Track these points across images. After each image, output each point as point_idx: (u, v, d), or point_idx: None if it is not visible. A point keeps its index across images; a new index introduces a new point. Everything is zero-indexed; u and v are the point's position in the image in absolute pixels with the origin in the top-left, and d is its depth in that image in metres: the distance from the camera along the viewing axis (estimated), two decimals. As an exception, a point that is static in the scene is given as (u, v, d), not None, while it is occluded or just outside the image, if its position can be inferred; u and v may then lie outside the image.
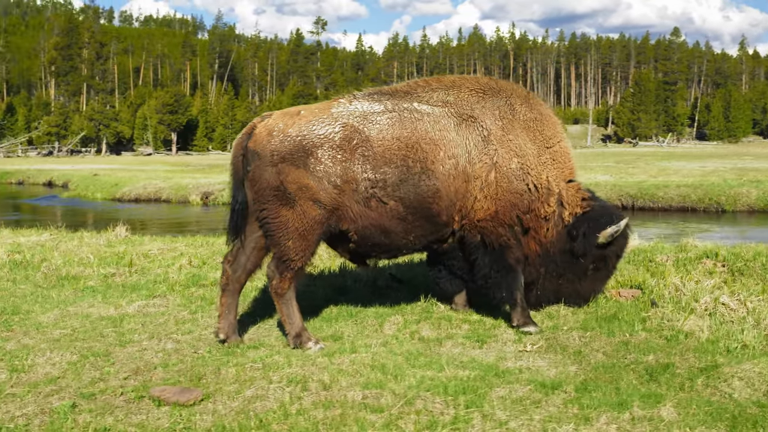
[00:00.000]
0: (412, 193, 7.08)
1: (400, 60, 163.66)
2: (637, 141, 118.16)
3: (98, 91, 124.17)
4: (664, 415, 5.19)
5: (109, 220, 23.21)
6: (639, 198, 27.67)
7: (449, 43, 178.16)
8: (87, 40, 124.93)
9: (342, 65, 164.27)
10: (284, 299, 7.10)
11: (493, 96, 7.63)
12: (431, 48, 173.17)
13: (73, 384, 6.08)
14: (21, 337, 7.50)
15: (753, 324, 7.46)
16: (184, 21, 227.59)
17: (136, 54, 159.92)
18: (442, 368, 6.22)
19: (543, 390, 5.68)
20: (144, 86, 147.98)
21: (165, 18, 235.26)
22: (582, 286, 8.02)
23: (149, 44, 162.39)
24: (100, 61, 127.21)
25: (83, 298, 9.12)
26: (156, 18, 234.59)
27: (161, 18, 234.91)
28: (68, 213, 31.36)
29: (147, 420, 5.34)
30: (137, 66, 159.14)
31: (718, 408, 5.35)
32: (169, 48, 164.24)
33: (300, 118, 7.08)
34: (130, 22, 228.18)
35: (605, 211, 7.86)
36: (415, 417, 5.20)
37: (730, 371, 6.03)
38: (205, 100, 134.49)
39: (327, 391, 5.72)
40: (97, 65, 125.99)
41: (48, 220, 25.93)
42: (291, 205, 6.89)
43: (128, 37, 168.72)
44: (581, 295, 8.09)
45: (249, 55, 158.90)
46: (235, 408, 5.50)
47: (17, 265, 11.13)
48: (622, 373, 6.16)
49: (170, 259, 11.49)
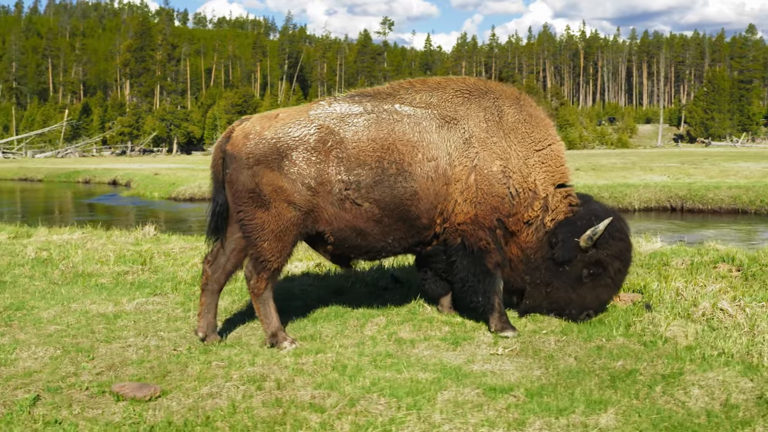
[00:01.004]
0: (388, 195, 7.09)
1: (468, 59, 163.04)
2: (710, 141, 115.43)
3: (170, 92, 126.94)
4: (603, 422, 5.12)
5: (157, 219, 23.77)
6: (688, 200, 27.01)
7: (518, 42, 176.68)
8: (159, 42, 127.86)
9: (410, 65, 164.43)
10: (261, 299, 7.21)
11: (480, 97, 7.57)
12: (500, 47, 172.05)
13: (45, 378, 6.27)
14: (17, 332, 7.76)
15: (746, 330, 7.27)
16: (256, 22, 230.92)
17: (208, 55, 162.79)
18: (402, 370, 6.24)
19: (492, 394, 5.65)
20: (215, 87, 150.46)
21: (237, 20, 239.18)
22: (579, 295, 7.67)
23: (221, 46, 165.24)
24: (171, 62, 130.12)
25: (89, 295, 9.38)
26: (229, 20, 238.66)
27: (234, 20, 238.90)
28: (122, 212, 32.21)
29: (101, 414, 5.49)
30: (209, 67, 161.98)
31: (664, 416, 5.26)
32: (240, 49, 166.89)
33: (277, 120, 7.17)
34: (203, 24, 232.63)
35: (586, 215, 7.59)
36: (353, 417, 5.24)
37: (692, 379, 5.92)
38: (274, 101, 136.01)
39: (279, 391, 5.80)
40: (169, 67, 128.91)
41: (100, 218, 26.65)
42: (266, 207, 6.98)
43: (201, 39, 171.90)
44: (582, 304, 7.70)
45: (318, 55, 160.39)
46: (187, 405, 5.62)
47: (40, 263, 11.49)
48: (585, 379, 6.09)
49: (186, 257, 11.72)
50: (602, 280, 7.66)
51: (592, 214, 7.60)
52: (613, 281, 7.71)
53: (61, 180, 55.82)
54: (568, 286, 7.66)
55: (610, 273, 7.63)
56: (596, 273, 7.60)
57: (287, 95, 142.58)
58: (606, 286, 7.71)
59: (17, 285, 10.05)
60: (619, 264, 7.66)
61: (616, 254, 7.60)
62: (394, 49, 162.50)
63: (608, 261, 7.58)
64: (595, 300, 7.73)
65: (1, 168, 67.61)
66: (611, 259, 7.59)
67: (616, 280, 7.75)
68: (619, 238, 7.61)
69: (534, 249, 7.62)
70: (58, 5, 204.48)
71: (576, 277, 7.62)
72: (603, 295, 7.75)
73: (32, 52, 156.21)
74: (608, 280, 7.67)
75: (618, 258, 7.63)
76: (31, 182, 56.90)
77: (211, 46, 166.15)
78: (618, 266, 7.66)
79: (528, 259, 7.65)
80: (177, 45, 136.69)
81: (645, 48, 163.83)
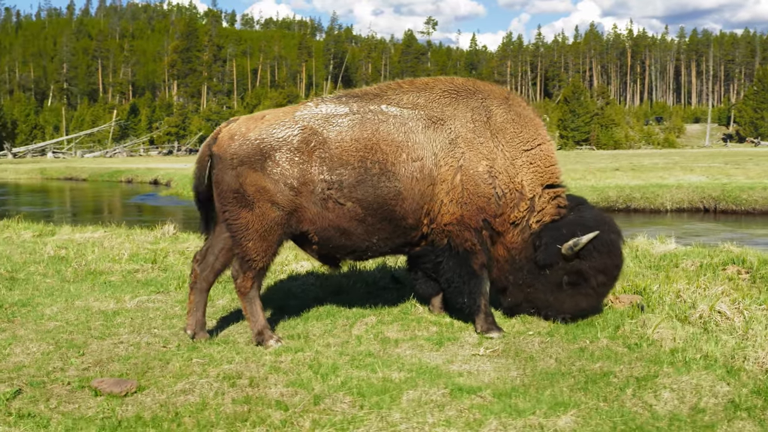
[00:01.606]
0: (371, 195, 7.14)
1: (513, 59, 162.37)
2: (759, 141, 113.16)
3: (215, 93, 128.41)
4: (561, 423, 5.12)
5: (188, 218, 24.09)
6: (721, 200, 26.50)
7: (565, 41, 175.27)
8: (205, 44, 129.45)
9: (455, 65, 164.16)
10: (247, 298, 7.31)
11: (467, 97, 7.57)
12: (546, 46, 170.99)
13: (32, 372, 6.44)
14: (17, 328, 7.96)
15: (740, 334, 7.19)
16: (303, 23, 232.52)
17: (254, 56, 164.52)
18: (377, 369, 6.28)
19: (458, 394, 5.67)
20: (261, 87, 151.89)
21: (284, 20, 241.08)
22: (557, 300, 7.59)
23: (267, 46, 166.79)
24: (217, 63, 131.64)
25: (94, 292, 9.58)
26: (275, 21, 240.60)
27: (280, 21, 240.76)
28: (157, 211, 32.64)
29: (77, 409, 5.62)
30: (255, 67, 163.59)
31: (627, 419, 5.24)
32: (286, 50, 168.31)
33: (263, 122, 7.27)
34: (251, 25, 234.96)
35: (574, 222, 7.47)
36: (315, 415, 5.30)
37: (666, 382, 5.88)
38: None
39: (251, 388, 5.89)
40: (215, 67, 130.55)
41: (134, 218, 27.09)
42: (250, 207, 7.08)
43: (248, 40, 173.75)
44: (558, 309, 7.64)
45: (363, 55, 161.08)
46: (160, 400, 5.73)
47: (56, 260, 11.76)
48: (559, 380, 6.07)
49: (198, 256, 11.87)
50: (583, 290, 7.53)
51: (580, 222, 7.46)
52: (595, 292, 7.57)
53: (104, 179, 56.83)
54: (547, 290, 7.59)
55: (592, 284, 7.48)
56: (576, 282, 7.49)
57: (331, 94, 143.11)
58: (586, 296, 7.57)
59: (29, 282, 10.30)
60: (603, 278, 7.50)
61: (600, 268, 7.43)
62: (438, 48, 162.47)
63: (591, 273, 7.43)
64: (573, 307, 7.61)
65: (50, 167, 69.04)
66: (594, 271, 7.43)
67: (599, 292, 7.61)
68: (606, 252, 7.41)
69: (519, 250, 7.59)
70: (109, 7, 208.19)
71: (556, 282, 7.54)
72: (582, 303, 7.61)
73: (83, 54, 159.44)
74: (589, 291, 7.53)
75: (602, 272, 7.46)
76: (76, 181, 58.04)
77: (257, 46, 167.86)
78: (602, 279, 7.50)
79: (513, 259, 7.62)
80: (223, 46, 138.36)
81: (694, 46, 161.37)
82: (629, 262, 11.20)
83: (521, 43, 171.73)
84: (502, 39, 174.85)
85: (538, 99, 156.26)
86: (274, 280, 10.16)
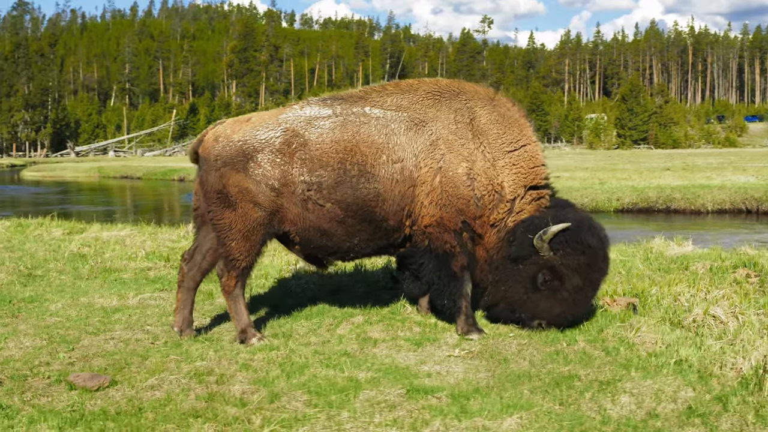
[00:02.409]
0: (350, 196, 7.21)
1: (571, 57, 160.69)
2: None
3: (272, 92, 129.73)
4: (505, 426, 5.14)
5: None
6: (764, 201, 25.88)
7: (624, 38, 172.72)
8: (262, 44, 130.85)
9: (512, 63, 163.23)
10: (232, 296, 7.45)
11: (451, 99, 7.60)
12: (605, 44, 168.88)
13: (18, 366, 6.67)
14: (19, 323, 8.23)
15: (729, 339, 7.08)
16: (361, 23, 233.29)
17: (311, 56, 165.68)
18: (345, 369, 6.37)
19: (414, 394, 5.73)
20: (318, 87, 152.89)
21: (342, 20, 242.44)
22: (531, 300, 7.39)
23: (324, 46, 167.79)
24: (274, 63, 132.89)
25: (101, 289, 9.83)
26: (334, 20, 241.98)
27: (339, 20, 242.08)
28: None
29: (49, 402, 5.82)
30: (312, 67, 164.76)
31: (574, 423, 5.24)
32: (343, 49, 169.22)
33: (247, 124, 7.40)
34: (309, 25, 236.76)
35: (549, 216, 7.32)
36: (267, 413, 5.41)
37: (628, 386, 5.86)
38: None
39: (216, 385, 6.03)
40: (271, 67, 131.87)
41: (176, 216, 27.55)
42: (233, 207, 7.22)
43: (306, 40, 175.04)
44: (533, 310, 7.43)
45: (419, 54, 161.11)
46: (128, 395, 5.90)
47: (76, 258, 12.08)
48: (524, 383, 6.07)
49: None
50: (558, 293, 7.31)
51: (555, 216, 7.33)
52: (571, 297, 7.30)
53: (158, 178, 58.03)
54: (521, 286, 7.40)
55: (567, 287, 7.28)
56: (550, 281, 7.29)
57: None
58: (561, 301, 7.32)
59: (44, 279, 10.63)
60: (578, 280, 7.26)
61: (574, 267, 7.23)
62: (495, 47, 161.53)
63: (565, 272, 7.24)
64: (546, 311, 7.39)
65: (107, 166, 70.77)
66: (569, 271, 7.23)
67: (576, 299, 7.33)
68: (580, 250, 7.23)
69: (496, 249, 7.54)
70: (171, 8, 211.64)
71: (529, 278, 7.35)
72: (556, 308, 7.37)
73: (145, 54, 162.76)
74: (564, 294, 7.30)
75: (577, 272, 7.24)
76: (131, 180, 59.34)
77: (314, 46, 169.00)
78: (577, 282, 7.26)
79: (491, 259, 7.58)
80: (279, 46, 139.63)
81: (758, 43, 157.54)
82: (639, 263, 11.10)
83: (580, 40, 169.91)
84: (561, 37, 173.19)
85: (596, 97, 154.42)
86: (277, 278, 10.30)
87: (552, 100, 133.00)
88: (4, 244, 13.65)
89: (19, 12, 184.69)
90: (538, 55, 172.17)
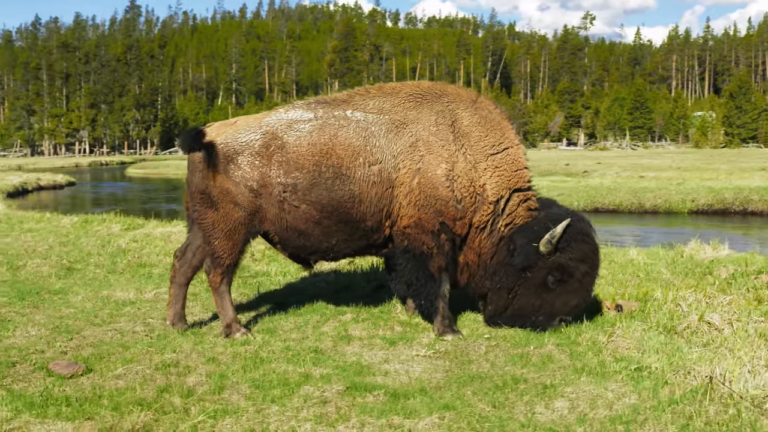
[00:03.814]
0: (325, 198, 7.41)
1: (679, 53, 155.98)
2: None
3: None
4: (420, 425, 5.24)
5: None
6: None
7: (736, 34, 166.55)
8: (363, 43, 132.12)
9: (617, 60, 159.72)
10: (218, 292, 7.77)
11: (432, 101, 7.70)
12: (715, 39, 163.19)
13: (14, 353, 7.14)
14: (37, 313, 8.77)
15: (715, 346, 6.96)
16: (465, 20, 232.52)
17: (413, 54, 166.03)
18: (303, 365, 6.58)
19: (352, 392, 5.87)
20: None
21: (446, 19, 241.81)
22: (546, 301, 7.53)
23: (426, 45, 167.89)
24: (374, 62, 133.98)
25: (126, 283, 10.35)
26: (438, 19, 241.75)
27: (443, 18, 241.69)
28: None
29: (25, 387, 6.22)
30: (414, 66, 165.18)
31: (494, 425, 5.30)
32: (446, 48, 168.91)
33: (232, 127, 7.71)
34: (414, 24, 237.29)
35: (543, 219, 7.47)
36: (207, 404, 5.64)
37: (568, 390, 5.89)
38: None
39: (176, 376, 6.33)
40: (372, 66, 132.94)
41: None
42: (216, 207, 7.55)
43: (408, 38, 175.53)
44: (549, 311, 7.56)
45: (522, 52, 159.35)
46: (96, 383, 6.25)
47: (118, 253, 12.69)
48: (472, 384, 6.13)
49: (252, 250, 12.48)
50: (570, 286, 7.48)
51: (548, 218, 7.48)
52: (581, 285, 7.51)
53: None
54: (532, 293, 7.53)
55: (577, 277, 7.46)
56: (561, 279, 7.45)
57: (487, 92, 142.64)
58: (575, 291, 7.52)
59: (81, 272, 11.25)
60: (585, 267, 7.48)
61: (580, 257, 7.44)
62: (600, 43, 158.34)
63: (573, 265, 7.42)
64: (563, 306, 7.55)
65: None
66: (576, 262, 7.43)
67: (585, 284, 7.54)
68: (581, 240, 7.46)
69: (489, 254, 7.62)
70: (277, 9, 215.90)
71: (540, 283, 7.50)
72: (572, 300, 7.55)
73: (251, 55, 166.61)
74: (576, 284, 7.49)
75: (582, 261, 7.46)
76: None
77: (416, 45, 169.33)
78: (584, 269, 7.47)
79: (485, 264, 7.66)
80: (380, 45, 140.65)
81: None
82: (662, 267, 10.93)
83: (689, 36, 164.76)
84: (669, 32, 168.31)
85: (705, 94, 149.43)
86: (295, 277, 10.60)
87: (657, 97, 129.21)
88: (61, 238, 14.46)
89: (131, 15, 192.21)
90: (645, 52, 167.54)
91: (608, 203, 27.04)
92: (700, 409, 5.46)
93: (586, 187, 30.23)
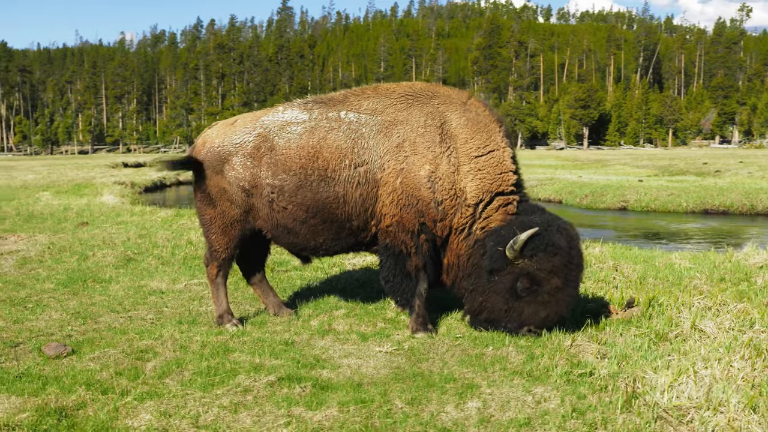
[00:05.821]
0: (310, 199, 7.68)
1: None
2: None
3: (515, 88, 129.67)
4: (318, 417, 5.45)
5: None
6: None
7: None
8: (507, 40, 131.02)
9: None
10: (215, 284, 8.24)
11: (423, 103, 7.81)
12: None
13: (25, 334, 7.84)
14: (72, 299, 9.52)
15: (693, 354, 6.79)
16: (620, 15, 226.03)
17: (561, 50, 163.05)
18: (262, 355, 6.91)
19: (281, 383, 6.14)
20: (567, 82, 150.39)
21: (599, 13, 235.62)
22: (513, 309, 7.42)
23: (575, 40, 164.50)
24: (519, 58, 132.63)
25: (168, 274, 11.02)
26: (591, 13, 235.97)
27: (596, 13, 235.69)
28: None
29: (14, 365, 6.84)
30: (562, 62, 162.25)
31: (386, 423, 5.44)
32: (596, 43, 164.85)
33: (231, 127, 8.12)
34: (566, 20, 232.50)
35: (515, 223, 7.38)
36: (145, 387, 6.07)
37: (487, 392, 5.99)
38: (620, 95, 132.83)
39: (140, 361, 6.80)
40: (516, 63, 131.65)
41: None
42: (213, 205, 8.03)
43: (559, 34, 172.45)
44: (517, 319, 7.45)
45: (676, 46, 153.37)
46: (71, 364, 6.80)
47: (185, 245, 13.44)
48: (408, 382, 6.26)
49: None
50: (540, 297, 7.32)
51: (519, 224, 7.38)
52: (553, 298, 7.30)
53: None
54: (500, 297, 7.45)
55: (547, 289, 7.28)
56: (530, 288, 7.30)
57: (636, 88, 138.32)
58: (545, 303, 7.32)
59: (137, 263, 12.04)
60: (557, 281, 7.25)
61: (550, 269, 7.23)
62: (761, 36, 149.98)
63: (542, 276, 7.25)
64: (532, 316, 7.40)
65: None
66: (545, 274, 7.24)
67: (558, 298, 7.31)
68: (551, 252, 7.22)
69: (466, 256, 7.67)
70: (428, 7, 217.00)
71: (508, 288, 7.40)
72: (541, 312, 7.36)
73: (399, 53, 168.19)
74: (546, 297, 7.30)
75: (554, 274, 7.23)
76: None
77: (565, 40, 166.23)
78: (556, 283, 7.25)
79: (462, 266, 7.71)
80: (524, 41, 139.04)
81: None
82: (696, 272, 10.56)
83: None
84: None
85: None
86: (327, 273, 10.93)
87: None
88: (141, 231, 15.45)
89: (283, 16, 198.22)
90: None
91: (718, 204, 25.85)
92: (609, 418, 5.42)
93: (698, 188, 28.97)
